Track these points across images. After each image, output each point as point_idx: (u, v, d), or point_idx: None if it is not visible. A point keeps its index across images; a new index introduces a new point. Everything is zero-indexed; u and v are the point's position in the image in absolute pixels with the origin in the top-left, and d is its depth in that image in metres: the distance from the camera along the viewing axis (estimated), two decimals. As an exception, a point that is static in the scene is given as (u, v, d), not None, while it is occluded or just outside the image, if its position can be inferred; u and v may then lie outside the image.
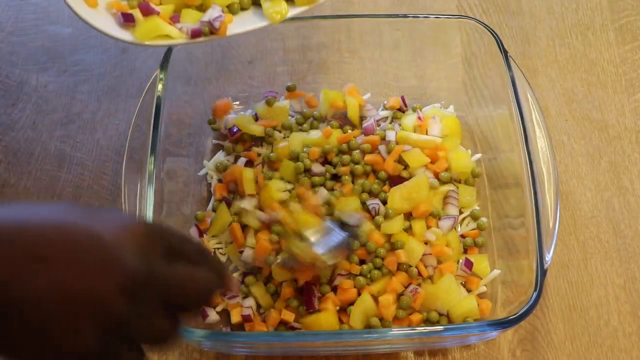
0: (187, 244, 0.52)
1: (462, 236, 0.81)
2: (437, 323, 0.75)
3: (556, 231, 0.71)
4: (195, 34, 0.69)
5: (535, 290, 0.67)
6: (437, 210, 0.80)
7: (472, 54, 0.87)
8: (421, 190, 0.79)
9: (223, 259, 0.80)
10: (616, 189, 0.87)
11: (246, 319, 0.75)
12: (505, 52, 0.79)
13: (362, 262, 0.77)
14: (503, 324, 0.66)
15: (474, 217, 0.82)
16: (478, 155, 0.86)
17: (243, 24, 0.72)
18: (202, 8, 0.72)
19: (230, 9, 0.72)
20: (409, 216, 0.80)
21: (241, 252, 0.78)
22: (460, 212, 0.83)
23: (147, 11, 0.69)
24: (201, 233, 0.81)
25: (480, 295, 0.78)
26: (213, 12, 0.70)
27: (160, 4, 0.72)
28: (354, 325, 0.73)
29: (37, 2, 1.02)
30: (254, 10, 0.73)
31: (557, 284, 0.81)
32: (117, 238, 0.45)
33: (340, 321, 0.75)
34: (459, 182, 0.84)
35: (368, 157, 0.83)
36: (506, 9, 1.01)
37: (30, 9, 1.01)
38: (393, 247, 0.77)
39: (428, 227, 0.79)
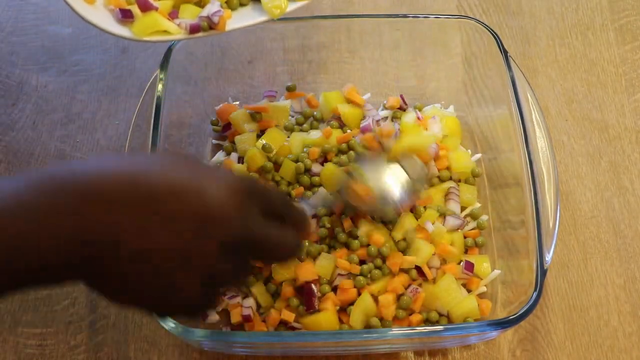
0: (278, 200, 0.55)
1: (463, 236, 0.81)
2: (437, 323, 0.75)
3: (556, 231, 0.71)
4: (194, 29, 0.69)
5: (535, 290, 0.67)
6: (440, 208, 0.80)
7: (472, 54, 0.87)
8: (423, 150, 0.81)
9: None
10: (616, 189, 0.87)
11: (246, 319, 0.75)
12: (505, 52, 0.79)
13: (362, 262, 0.77)
14: (503, 324, 0.66)
15: (474, 216, 0.82)
16: (478, 155, 0.86)
17: (242, 19, 0.72)
18: (200, 3, 0.72)
19: (229, 4, 0.72)
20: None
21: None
22: (461, 211, 0.83)
23: (145, 6, 0.69)
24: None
25: (480, 295, 0.78)
26: (212, 7, 0.70)
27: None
28: (354, 325, 0.73)
29: (37, 2, 1.02)
30: (253, 6, 0.73)
31: (557, 284, 0.81)
32: (221, 196, 0.48)
33: (340, 321, 0.75)
34: (459, 182, 0.84)
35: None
36: (506, 9, 1.01)
37: (30, 9, 1.01)
38: (399, 247, 0.77)
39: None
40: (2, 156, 0.89)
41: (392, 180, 0.75)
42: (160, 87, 0.77)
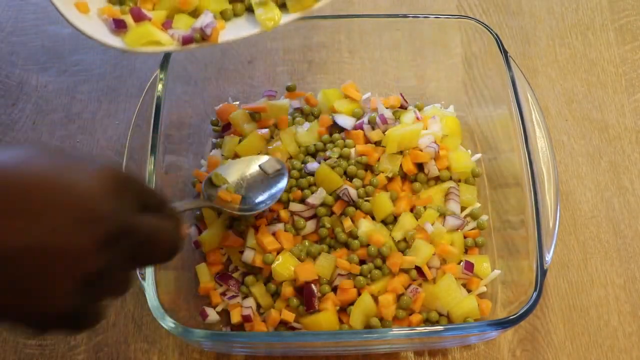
0: (152, 195, 0.51)
1: (463, 236, 0.81)
2: (437, 323, 0.75)
3: (556, 231, 0.71)
4: (186, 40, 0.69)
5: (535, 290, 0.67)
6: (440, 208, 0.80)
7: (472, 54, 0.87)
8: (413, 138, 0.81)
9: (223, 258, 0.80)
10: (616, 189, 0.87)
11: (246, 319, 0.75)
12: (505, 52, 0.79)
13: (362, 262, 0.77)
14: (503, 324, 0.66)
15: (474, 216, 0.82)
16: (478, 155, 0.86)
17: (235, 30, 0.71)
18: (195, 14, 0.72)
19: (223, 15, 0.72)
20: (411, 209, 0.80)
21: (241, 252, 0.78)
22: (461, 211, 0.83)
23: (139, 17, 0.68)
24: (200, 232, 0.81)
25: (480, 295, 0.78)
26: (205, 19, 0.69)
27: (154, 9, 0.71)
28: (354, 325, 0.73)
29: (37, 2, 1.02)
30: (247, 17, 0.73)
31: (557, 284, 0.81)
32: (91, 188, 0.44)
33: (340, 321, 0.75)
34: (459, 182, 0.84)
35: (360, 148, 0.82)
36: (506, 9, 1.01)
37: (30, 9, 1.01)
38: (399, 248, 0.77)
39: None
40: (2, 156, 0.89)
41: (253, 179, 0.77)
42: (160, 87, 0.77)
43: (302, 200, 0.80)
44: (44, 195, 0.42)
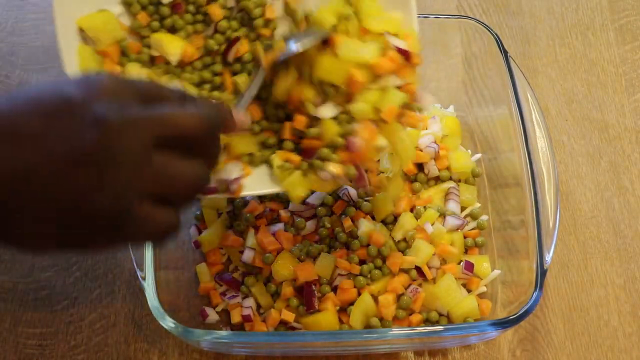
0: (165, 89, 0.49)
1: (463, 236, 0.81)
2: (437, 323, 0.75)
3: (556, 231, 0.71)
4: (210, 192, 0.65)
5: (535, 290, 0.67)
6: (440, 208, 0.80)
7: (472, 54, 0.87)
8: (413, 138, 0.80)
9: (223, 258, 0.80)
10: (616, 189, 0.87)
11: (246, 319, 0.75)
12: (505, 52, 0.79)
13: (362, 262, 0.77)
14: (503, 324, 0.66)
15: (474, 216, 0.82)
16: (478, 155, 0.86)
17: (258, 184, 0.68)
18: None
19: (252, 162, 0.68)
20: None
21: (241, 252, 0.78)
22: (461, 211, 0.83)
23: None
24: (200, 232, 0.81)
25: (480, 295, 0.78)
26: (232, 172, 0.66)
27: None
28: (354, 325, 0.73)
29: (37, 2, 1.02)
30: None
31: (557, 284, 0.81)
32: (83, 93, 0.43)
33: (340, 321, 0.75)
34: (459, 182, 0.84)
35: None
36: (506, 9, 1.01)
37: (30, 9, 1.01)
38: (399, 248, 0.77)
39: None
40: (2, 156, 0.89)
41: None
42: (160, 87, 0.77)
43: (302, 200, 0.80)
44: (41, 115, 0.43)
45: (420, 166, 0.83)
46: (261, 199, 0.81)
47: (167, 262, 0.74)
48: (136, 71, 0.66)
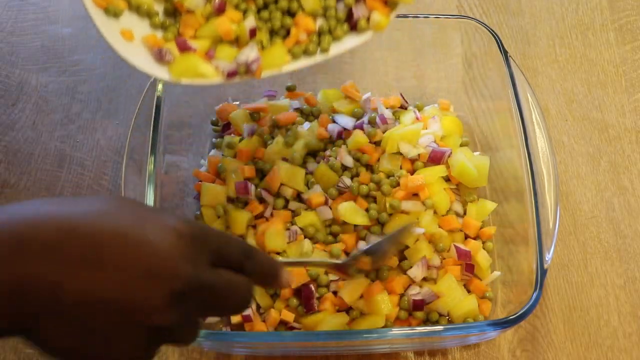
0: (231, 246, 0.51)
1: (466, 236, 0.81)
2: (437, 323, 0.75)
3: (556, 231, 0.71)
4: (231, 74, 0.66)
5: (535, 290, 0.67)
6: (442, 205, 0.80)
7: (472, 54, 0.87)
8: (413, 138, 0.81)
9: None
10: (616, 189, 0.87)
11: (246, 319, 0.75)
12: (505, 52, 0.79)
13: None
14: (503, 324, 0.66)
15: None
16: (477, 154, 0.86)
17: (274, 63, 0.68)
18: (236, 43, 0.69)
19: (265, 47, 0.69)
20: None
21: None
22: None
23: (184, 47, 0.66)
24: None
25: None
26: (250, 53, 0.66)
27: (195, 36, 0.68)
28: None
29: (37, 2, 1.02)
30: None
31: (557, 284, 0.81)
32: (166, 244, 0.45)
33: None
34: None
35: (357, 140, 0.82)
36: (506, 9, 1.01)
37: (30, 9, 1.01)
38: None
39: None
40: (2, 156, 0.89)
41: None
42: (160, 87, 0.77)
43: (300, 198, 0.80)
44: (117, 249, 0.43)
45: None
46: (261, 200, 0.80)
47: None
48: None
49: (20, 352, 0.76)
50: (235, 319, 0.75)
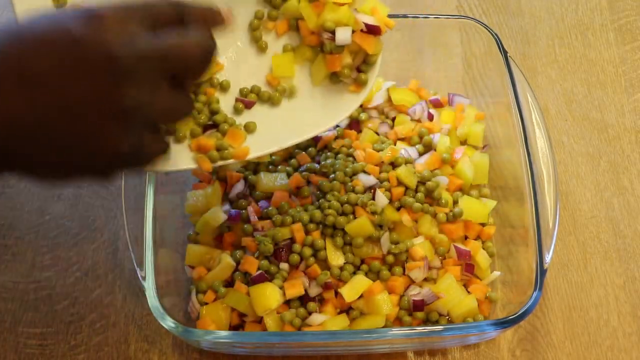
0: (158, 5, 0.50)
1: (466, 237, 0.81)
2: (437, 323, 0.75)
3: (556, 231, 0.71)
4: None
5: (535, 290, 0.67)
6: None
7: (472, 54, 0.87)
8: None
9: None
10: (616, 189, 0.87)
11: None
12: (505, 53, 0.80)
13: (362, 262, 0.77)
14: (503, 323, 0.66)
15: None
16: (477, 154, 0.86)
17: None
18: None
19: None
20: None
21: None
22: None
23: None
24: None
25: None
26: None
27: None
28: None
29: (37, 2, 1.02)
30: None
31: (557, 284, 0.81)
32: (91, 30, 0.44)
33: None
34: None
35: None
36: (506, 9, 1.01)
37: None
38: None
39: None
40: (2, 156, 0.89)
41: None
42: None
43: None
44: (52, 55, 0.43)
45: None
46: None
47: (168, 262, 0.74)
48: None
49: (20, 352, 0.76)
50: (235, 321, 0.75)
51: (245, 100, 0.68)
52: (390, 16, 0.68)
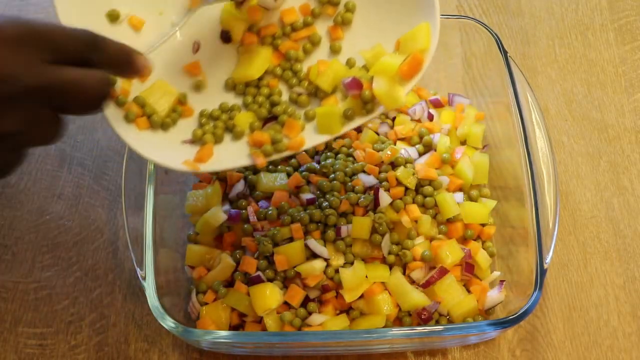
0: (72, 39, 0.48)
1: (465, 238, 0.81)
2: (437, 323, 0.75)
3: (556, 231, 0.71)
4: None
5: (535, 290, 0.67)
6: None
7: (472, 54, 0.87)
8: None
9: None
10: (616, 189, 0.87)
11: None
12: (505, 53, 0.80)
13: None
14: (503, 323, 0.66)
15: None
16: (477, 154, 0.86)
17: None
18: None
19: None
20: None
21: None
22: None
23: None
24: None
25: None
26: None
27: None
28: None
29: (37, 2, 1.02)
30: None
31: (557, 284, 0.81)
32: None
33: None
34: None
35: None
36: (506, 9, 1.01)
37: (31, 9, 1.01)
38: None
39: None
40: (2, 156, 0.89)
41: None
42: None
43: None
44: None
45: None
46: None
47: (168, 262, 0.74)
48: None
49: (20, 352, 0.76)
50: (235, 321, 0.75)
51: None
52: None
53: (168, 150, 0.63)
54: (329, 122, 0.63)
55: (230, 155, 0.64)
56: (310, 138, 0.64)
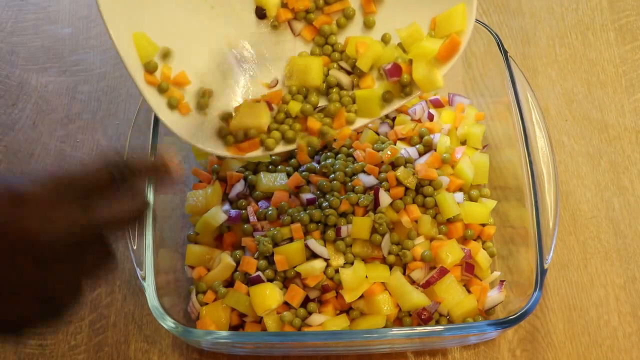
0: (94, 179, 0.49)
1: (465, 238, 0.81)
2: (437, 323, 0.75)
3: (556, 231, 0.71)
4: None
5: (535, 290, 0.67)
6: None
7: (472, 54, 0.87)
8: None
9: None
10: (616, 189, 0.87)
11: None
12: (505, 53, 0.79)
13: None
14: (503, 323, 0.66)
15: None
16: (477, 153, 0.86)
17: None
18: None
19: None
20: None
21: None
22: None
23: None
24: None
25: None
26: None
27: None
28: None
29: (37, 2, 1.02)
30: None
31: (557, 284, 0.81)
32: (11, 217, 0.43)
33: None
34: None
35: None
36: (506, 9, 1.01)
37: (30, 9, 1.01)
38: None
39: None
40: (2, 156, 0.89)
41: None
42: (160, 87, 0.77)
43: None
44: None
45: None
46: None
47: (167, 262, 0.74)
48: None
49: (20, 352, 0.76)
50: (235, 321, 0.75)
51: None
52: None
53: (210, 139, 0.66)
54: (369, 105, 0.64)
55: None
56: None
